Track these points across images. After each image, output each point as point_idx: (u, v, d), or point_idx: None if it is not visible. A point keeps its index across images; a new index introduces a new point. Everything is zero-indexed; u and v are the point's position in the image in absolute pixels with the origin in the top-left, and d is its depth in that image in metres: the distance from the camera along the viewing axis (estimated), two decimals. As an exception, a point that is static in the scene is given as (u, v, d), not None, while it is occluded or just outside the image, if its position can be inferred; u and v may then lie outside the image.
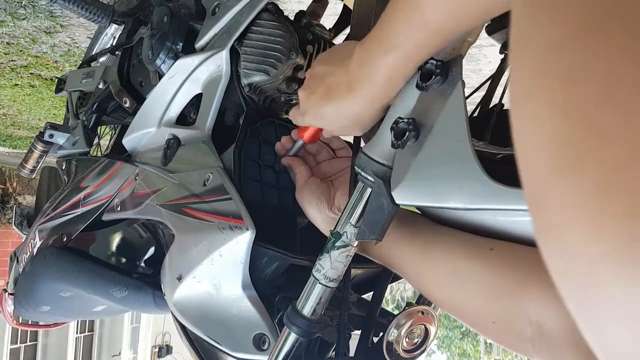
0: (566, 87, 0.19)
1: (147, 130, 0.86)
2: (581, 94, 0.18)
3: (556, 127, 0.19)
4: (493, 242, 0.49)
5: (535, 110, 0.20)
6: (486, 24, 0.77)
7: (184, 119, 0.84)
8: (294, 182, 0.69)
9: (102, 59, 1.24)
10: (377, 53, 0.46)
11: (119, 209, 0.89)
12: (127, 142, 0.91)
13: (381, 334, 0.64)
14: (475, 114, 0.77)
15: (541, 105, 0.20)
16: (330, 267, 0.56)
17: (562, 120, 0.19)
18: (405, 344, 0.62)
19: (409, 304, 0.64)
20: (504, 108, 0.73)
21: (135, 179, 0.86)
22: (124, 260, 0.96)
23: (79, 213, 0.99)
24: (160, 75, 0.84)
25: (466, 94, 0.46)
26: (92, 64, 1.27)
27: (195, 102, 0.81)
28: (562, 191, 0.19)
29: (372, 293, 0.73)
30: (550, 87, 0.20)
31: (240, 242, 0.61)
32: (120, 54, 1.04)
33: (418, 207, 0.57)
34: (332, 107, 0.53)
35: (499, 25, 0.79)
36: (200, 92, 0.79)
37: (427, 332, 0.64)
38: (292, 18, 0.81)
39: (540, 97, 0.20)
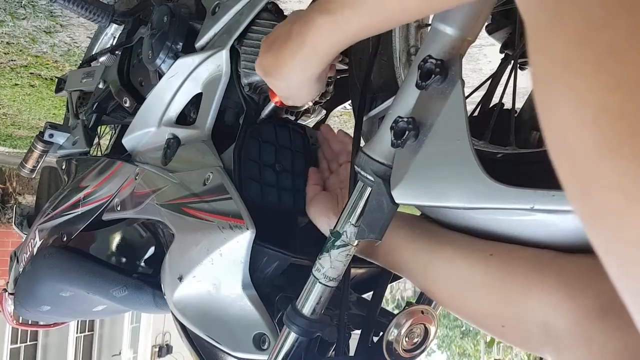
0: (614, 57, 0.17)
1: (147, 130, 0.86)
2: (633, 62, 0.17)
3: (605, 99, 0.18)
4: (492, 247, 0.50)
5: (577, 84, 0.19)
6: (486, 23, 0.77)
7: (184, 118, 0.84)
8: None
9: (102, 59, 1.23)
10: (310, 17, 0.49)
11: (119, 208, 0.89)
12: (127, 141, 0.91)
13: (381, 333, 0.64)
14: (475, 114, 0.77)
15: (584, 77, 0.18)
16: (330, 266, 0.56)
17: (612, 92, 0.17)
18: (405, 343, 0.62)
19: (409, 304, 0.64)
20: (504, 108, 0.73)
21: (135, 179, 0.86)
22: (124, 260, 0.96)
23: (79, 213, 0.99)
24: (160, 75, 0.84)
25: (466, 94, 0.46)
26: (92, 64, 1.27)
27: (195, 101, 0.81)
28: (618, 169, 0.17)
29: (372, 293, 0.73)
30: (594, 59, 0.18)
31: (240, 242, 0.61)
32: (120, 53, 1.04)
33: (418, 207, 0.57)
34: (279, 71, 0.55)
35: (499, 24, 0.79)
36: (200, 91, 0.79)
37: (427, 331, 0.64)
38: (292, 18, 0.81)
39: (582, 70, 0.18)
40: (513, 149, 0.59)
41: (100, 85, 1.07)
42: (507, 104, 0.71)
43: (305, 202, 0.70)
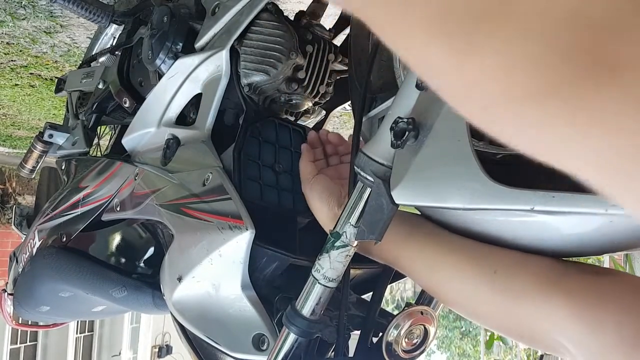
0: None
1: (146, 130, 0.86)
2: None
3: None
4: (496, 262, 0.49)
5: None
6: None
7: (184, 118, 0.84)
8: (300, 175, 0.69)
9: (102, 59, 1.23)
10: None
11: (118, 209, 0.88)
12: (127, 142, 0.91)
13: (380, 334, 0.64)
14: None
15: None
16: (329, 267, 0.56)
17: None
18: (404, 344, 0.62)
19: (408, 304, 0.64)
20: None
21: (135, 179, 0.86)
22: (123, 260, 0.96)
23: (79, 213, 0.99)
24: (160, 75, 0.83)
25: (466, 94, 0.46)
26: (92, 64, 1.27)
27: (195, 102, 0.81)
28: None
29: (371, 293, 0.72)
30: None
31: (240, 242, 0.61)
32: (120, 54, 1.04)
33: (417, 207, 0.57)
34: None
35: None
36: (200, 92, 0.79)
37: (426, 332, 0.64)
38: (292, 18, 0.81)
39: None
40: (513, 150, 0.59)
41: (100, 86, 1.07)
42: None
43: (302, 180, 0.68)
